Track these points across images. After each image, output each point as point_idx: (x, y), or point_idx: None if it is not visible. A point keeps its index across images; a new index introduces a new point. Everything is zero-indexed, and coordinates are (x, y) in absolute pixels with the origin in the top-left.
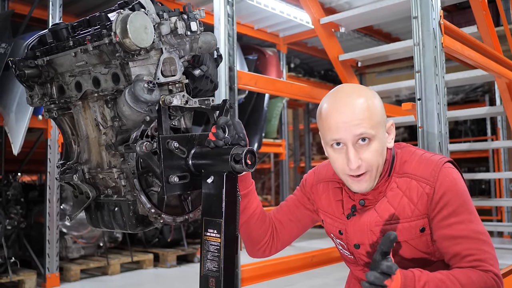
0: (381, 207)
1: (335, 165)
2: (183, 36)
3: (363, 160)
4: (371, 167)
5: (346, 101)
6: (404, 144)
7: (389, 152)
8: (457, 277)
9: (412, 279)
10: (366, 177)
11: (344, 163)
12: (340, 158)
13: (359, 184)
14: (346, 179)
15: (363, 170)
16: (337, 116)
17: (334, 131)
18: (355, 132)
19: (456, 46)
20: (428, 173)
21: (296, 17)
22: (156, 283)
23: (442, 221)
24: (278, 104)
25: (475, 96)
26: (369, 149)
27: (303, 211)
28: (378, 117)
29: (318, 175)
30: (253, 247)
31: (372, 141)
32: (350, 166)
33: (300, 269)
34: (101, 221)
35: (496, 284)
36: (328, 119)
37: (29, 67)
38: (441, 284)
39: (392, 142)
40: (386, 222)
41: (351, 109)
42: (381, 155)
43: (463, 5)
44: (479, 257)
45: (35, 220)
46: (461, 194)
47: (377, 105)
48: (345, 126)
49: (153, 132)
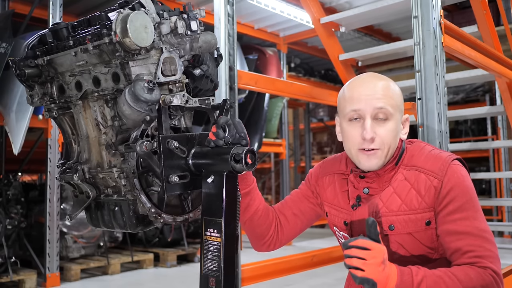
0: (387, 197)
1: (349, 138)
2: (183, 35)
3: (378, 135)
4: (383, 145)
5: (371, 79)
6: (415, 140)
7: (400, 143)
8: (455, 273)
9: (409, 274)
10: (377, 153)
11: (358, 135)
12: (355, 130)
13: (369, 159)
14: (356, 154)
15: (376, 145)
16: (360, 89)
17: (356, 101)
18: (376, 105)
19: (457, 45)
20: (437, 168)
21: (296, 17)
22: (156, 282)
23: (447, 216)
24: (279, 103)
25: (476, 96)
26: (385, 126)
27: (307, 204)
28: (398, 101)
29: (324, 168)
30: (258, 242)
31: (389, 121)
32: (365, 135)
33: (301, 269)
34: (102, 221)
35: (495, 281)
36: (351, 92)
37: (29, 67)
38: (438, 280)
39: (405, 135)
40: (393, 213)
41: (375, 85)
42: (394, 137)
43: (464, 4)
44: (479, 254)
45: (35, 220)
46: (468, 191)
47: (398, 91)
48: (367, 98)
49: (153, 131)
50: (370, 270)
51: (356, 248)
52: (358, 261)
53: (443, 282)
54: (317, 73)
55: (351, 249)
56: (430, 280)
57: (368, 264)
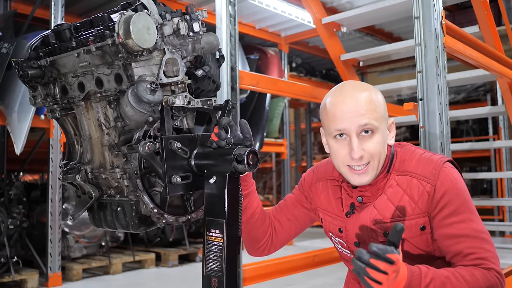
0: (381, 204)
1: (336, 156)
2: (186, 36)
3: (366, 150)
4: (373, 158)
5: (352, 93)
6: (404, 143)
7: (389, 149)
8: (462, 274)
9: (418, 275)
10: (368, 169)
11: (346, 153)
12: (343, 149)
13: (360, 177)
14: (346, 171)
15: (366, 160)
16: (343, 107)
17: (339, 121)
18: (360, 122)
19: (458, 46)
20: (428, 172)
21: (298, 17)
22: (158, 282)
23: (443, 220)
24: (280, 103)
25: (477, 96)
26: (371, 140)
27: (301, 210)
28: (382, 111)
29: (317, 173)
30: (253, 246)
31: (375, 134)
32: (353, 155)
33: (302, 269)
34: (104, 221)
35: (499, 281)
36: (333, 110)
37: (32, 68)
38: (446, 281)
39: (393, 140)
40: (388, 220)
41: (356, 101)
42: (383, 147)
43: (465, 4)
44: (481, 255)
45: (37, 220)
46: (462, 193)
47: (381, 100)
48: (350, 116)
49: (156, 132)
50: (387, 283)
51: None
52: (381, 276)
53: (451, 284)
54: (318, 73)
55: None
56: (438, 282)
57: (387, 279)
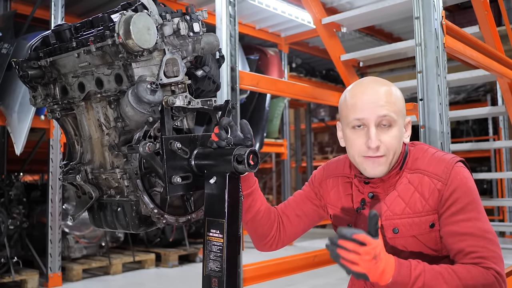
0: (392, 201)
1: (353, 146)
2: (186, 37)
3: (383, 142)
4: (388, 151)
5: (372, 85)
6: (417, 142)
7: (403, 147)
8: (456, 270)
9: (408, 266)
10: (382, 160)
11: (362, 143)
12: (360, 138)
13: (374, 167)
14: (361, 161)
15: (382, 152)
16: (363, 97)
17: (359, 110)
18: (379, 113)
19: (458, 46)
20: (440, 171)
21: (298, 17)
22: (158, 283)
23: (450, 217)
24: (280, 104)
25: (477, 96)
26: (389, 133)
27: (310, 206)
28: (400, 106)
29: (327, 170)
30: (260, 242)
31: (393, 127)
32: (370, 145)
33: (302, 269)
34: (104, 221)
35: (498, 281)
36: (353, 100)
37: (33, 68)
38: (437, 275)
39: (408, 139)
40: (397, 216)
41: (377, 92)
42: (398, 143)
43: (465, 4)
44: (482, 255)
45: (37, 220)
46: (471, 192)
47: (400, 96)
48: (370, 106)
49: (156, 132)
50: (363, 264)
51: (352, 241)
52: (353, 256)
53: (442, 278)
54: (318, 73)
55: (348, 242)
56: (429, 275)
57: (362, 259)
